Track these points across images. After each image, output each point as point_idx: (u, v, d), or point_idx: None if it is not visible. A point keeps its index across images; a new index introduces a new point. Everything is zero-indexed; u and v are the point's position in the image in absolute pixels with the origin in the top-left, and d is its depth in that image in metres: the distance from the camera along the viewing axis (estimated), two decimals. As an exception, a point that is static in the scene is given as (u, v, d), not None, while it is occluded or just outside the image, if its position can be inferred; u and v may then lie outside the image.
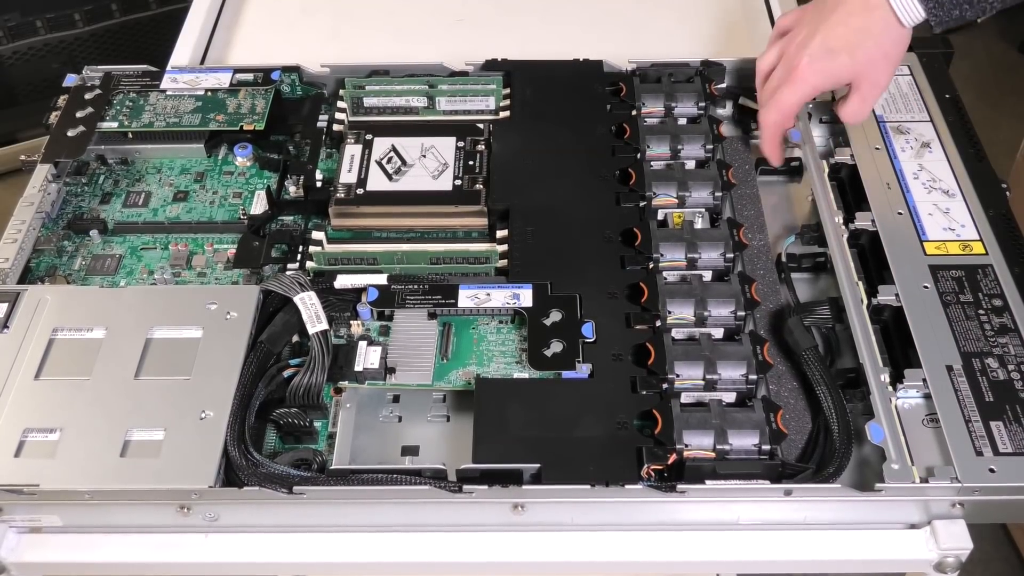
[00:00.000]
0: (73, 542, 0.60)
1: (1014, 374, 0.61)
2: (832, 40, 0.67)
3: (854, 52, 0.67)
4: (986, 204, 0.71)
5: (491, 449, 0.58)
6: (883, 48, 0.67)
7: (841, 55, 0.67)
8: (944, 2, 0.63)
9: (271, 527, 0.60)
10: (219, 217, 0.76)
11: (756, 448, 0.58)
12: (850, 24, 0.67)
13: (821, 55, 0.67)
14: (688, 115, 0.79)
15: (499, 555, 0.59)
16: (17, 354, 0.62)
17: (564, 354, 0.63)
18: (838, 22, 0.67)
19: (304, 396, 0.61)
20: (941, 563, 0.58)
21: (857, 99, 0.69)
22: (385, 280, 0.67)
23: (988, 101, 2.04)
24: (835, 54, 0.67)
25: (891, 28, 0.65)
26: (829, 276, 0.70)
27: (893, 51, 0.67)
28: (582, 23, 0.98)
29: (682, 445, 0.58)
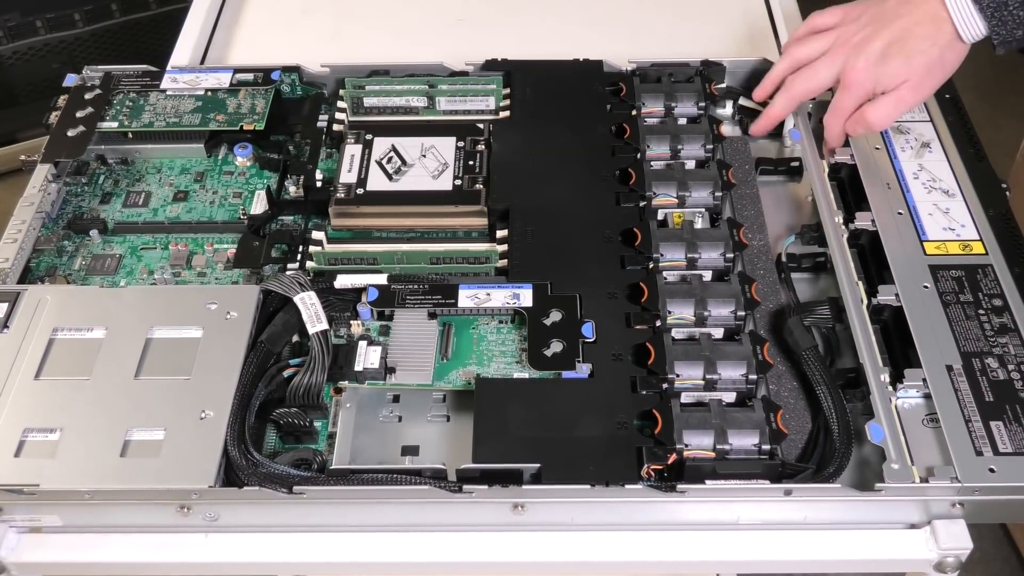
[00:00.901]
0: (73, 542, 0.60)
1: (1014, 374, 0.61)
2: (895, 47, 0.66)
3: (911, 58, 0.66)
4: (986, 204, 0.71)
5: (491, 449, 0.58)
6: (942, 60, 0.66)
7: (897, 58, 0.66)
8: (1008, 20, 0.62)
9: (271, 527, 0.60)
10: (219, 217, 0.76)
11: (756, 448, 0.58)
12: (916, 33, 0.66)
13: (880, 60, 0.67)
14: (688, 115, 0.79)
15: (499, 555, 0.59)
16: (17, 354, 0.63)
17: (564, 354, 0.63)
18: (904, 29, 0.66)
19: (304, 396, 0.61)
20: (941, 563, 0.58)
21: (892, 101, 0.68)
22: (385, 280, 0.67)
23: (988, 101, 2.04)
24: (891, 58, 0.66)
25: (954, 43, 0.65)
26: (829, 276, 0.70)
27: (949, 65, 0.66)
28: (582, 23, 0.98)
29: (682, 445, 0.58)
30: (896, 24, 0.66)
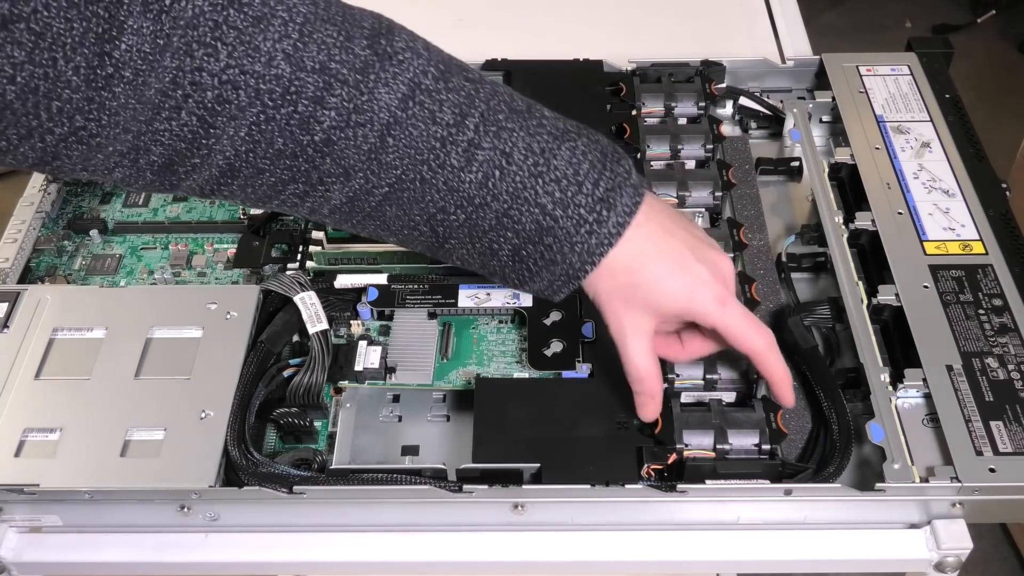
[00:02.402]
0: (73, 542, 0.60)
1: (1014, 374, 0.61)
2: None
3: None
4: (986, 204, 0.71)
5: (491, 449, 0.58)
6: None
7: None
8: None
9: (271, 527, 0.60)
10: (219, 217, 0.76)
11: (756, 448, 0.58)
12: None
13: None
14: (688, 115, 0.79)
15: (499, 555, 0.59)
16: (17, 354, 0.62)
17: (564, 354, 0.63)
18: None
19: (304, 396, 0.61)
20: (941, 563, 0.58)
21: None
22: (385, 280, 0.67)
23: (988, 101, 2.04)
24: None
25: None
26: (829, 276, 0.70)
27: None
28: (582, 23, 0.98)
29: (682, 445, 0.58)
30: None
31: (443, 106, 0.49)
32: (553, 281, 0.53)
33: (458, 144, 0.49)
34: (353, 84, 0.47)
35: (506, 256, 0.53)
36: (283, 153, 0.47)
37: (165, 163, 0.47)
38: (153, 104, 0.43)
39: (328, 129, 0.47)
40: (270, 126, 0.46)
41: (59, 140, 0.43)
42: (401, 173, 0.49)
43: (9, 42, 0.38)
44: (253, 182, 0.49)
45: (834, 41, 2.18)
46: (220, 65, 0.44)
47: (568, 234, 0.51)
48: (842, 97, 0.80)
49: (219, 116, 0.45)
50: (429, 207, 0.51)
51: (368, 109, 0.47)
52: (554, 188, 0.50)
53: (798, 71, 0.85)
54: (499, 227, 0.51)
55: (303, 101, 0.46)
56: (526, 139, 0.50)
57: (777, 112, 0.82)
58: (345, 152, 0.48)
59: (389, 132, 0.48)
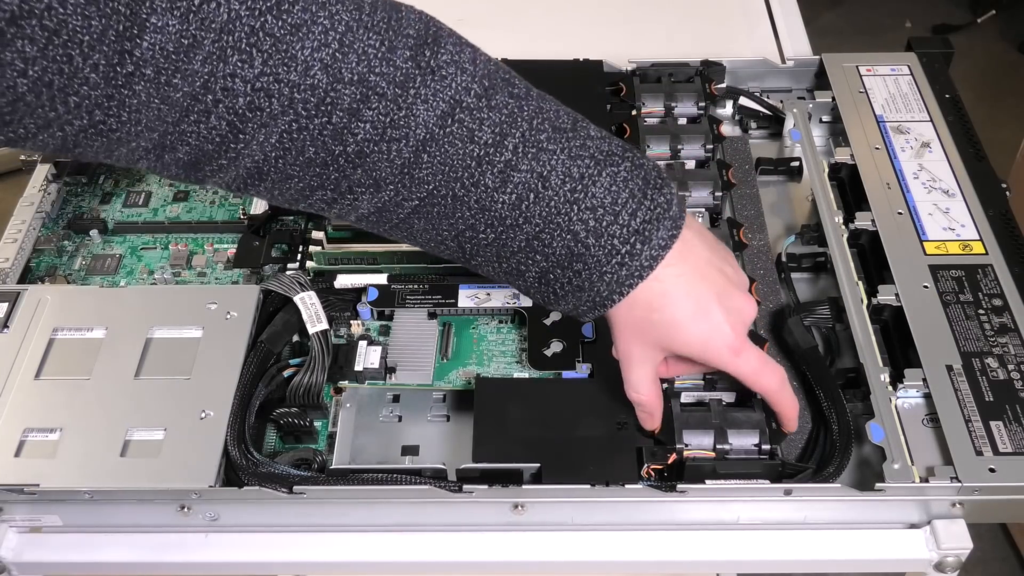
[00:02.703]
0: (73, 542, 0.60)
1: (1014, 374, 0.61)
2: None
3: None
4: (986, 204, 0.71)
5: (491, 449, 0.58)
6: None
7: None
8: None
9: (271, 527, 0.60)
10: (219, 217, 0.76)
11: (756, 448, 0.58)
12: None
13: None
14: (688, 115, 0.79)
15: (499, 555, 0.59)
16: (17, 354, 0.62)
17: (564, 354, 0.63)
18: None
19: (304, 396, 0.61)
20: (941, 563, 0.58)
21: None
22: (385, 280, 0.67)
23: (988, 101, 2.04)
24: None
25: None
26: (829, 276, 0.70)
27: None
28: (582, 23, 0.98)
29: (682, 445, 0.58)
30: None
31: (483, 125, 0.48)
32: (579, 306, 0.53)
33: (494, 165, 0.48)
34: (391, 98, 0.45)
35: (533, 277, 0.52)
36: (313, 161, 0.46)
37: (191, 161, 0.46)
38: (181, 107, 0.43)
39: (362, 141, 0.46)
40: (302, 135, 0.45)
41: (78, 132, 0.42)
42: (433, 189, 0.48)
43: (20, 37, 0.37)
44: (281, 186, 0.48)
45: (834, 41, 2.18)
46: (254, 72, 0.43)
47: (599, 263, 0.50)
48: (842, 97, 0.80)
49: (250, 123, 0.44)
50: (458, 223, 0.50)
51: (405, 125, 0.46)
52: (589, 216, 0.49)
53: (798, 71, 0.85)
54: (528, 249, 0.50)
55: (338, 112, 0.45)
56: (566, 162, 0.49)
57: (777, 112, 0.82)
58: (377, 165, 0.47)
59: (424, 148, 0.47)
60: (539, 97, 0.51)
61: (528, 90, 0.51)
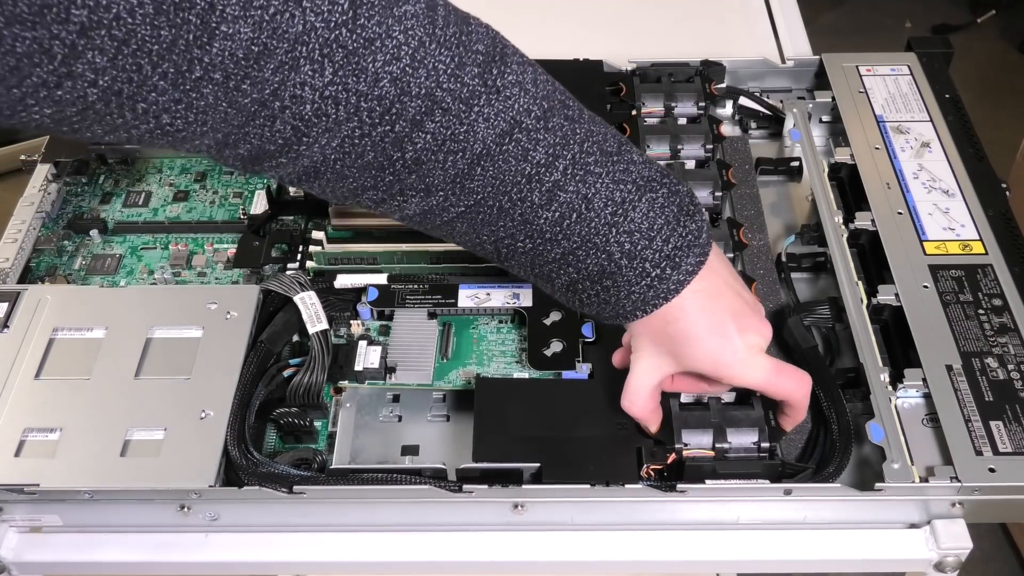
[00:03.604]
0: (73, 542, 0.60)
1: (1014, 374, 0.61)
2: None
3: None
4: (986, 204, 0.71)
5: (491, 448, 0.58)
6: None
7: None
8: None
9: (271, 527, 0.60)
10: (219, 217, 0.76)
11: (755, 446, 0.58)
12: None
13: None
14: (688, 115, 0.79)
15: (499, 555, 0.59)
16: (17, 354, 0.62)
17: (564, 354, 0.63)
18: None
19: (304, 396, 0.61)
20: (941, 563, 0.58)
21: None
22: (385, 280, 0.67)
23: (988, 101, 2.04)
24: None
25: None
26: (829, 276, 0.70)
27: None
28: (582, 23, 0.98)
29: (681, 444, 0.58)
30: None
31: (538, 146, 0.49)
32: (601, 315, 0.54)
33: (543, 183, 0.50)
34: (455, 113, 0.46)
35: (562, 284, 0.54)
36: (371, 165, 0.47)
37: (252, 157, 0.47)
38: (248, 112, 0.43)
39: (420, 151, 0.47)
40: (363, 141, 0.46)
41: (144, 133, 0.43)
42: (481, 199, 0.50)
43: (90, 48, 0.37)
44: (335, 184, 0.49)
45: (834, 41, 2.17)
46: (324, 81, 0.43)
47: (628, 282, 0.52)
48: (842, 97, 0.80)
49: (314, 128, 0.45)
50: (500, 231, 0.52)
51: (464, 139, 0.47)
52: (625, 239, 0.51)
53: (798, 71, 0.85)
54: (563, 261, 0.52)
55: (401, 123, 0.46)
56: (610, 186, 0.51)
57: (777, 112, 0.82)
58: (431, 172, 0.48)
59: (479, 162, 0.48)
60: (590, 120, 0.53)
61: (581, 112, 0.53)
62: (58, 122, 0.40)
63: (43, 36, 0.36)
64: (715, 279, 0.53)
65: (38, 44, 0.36)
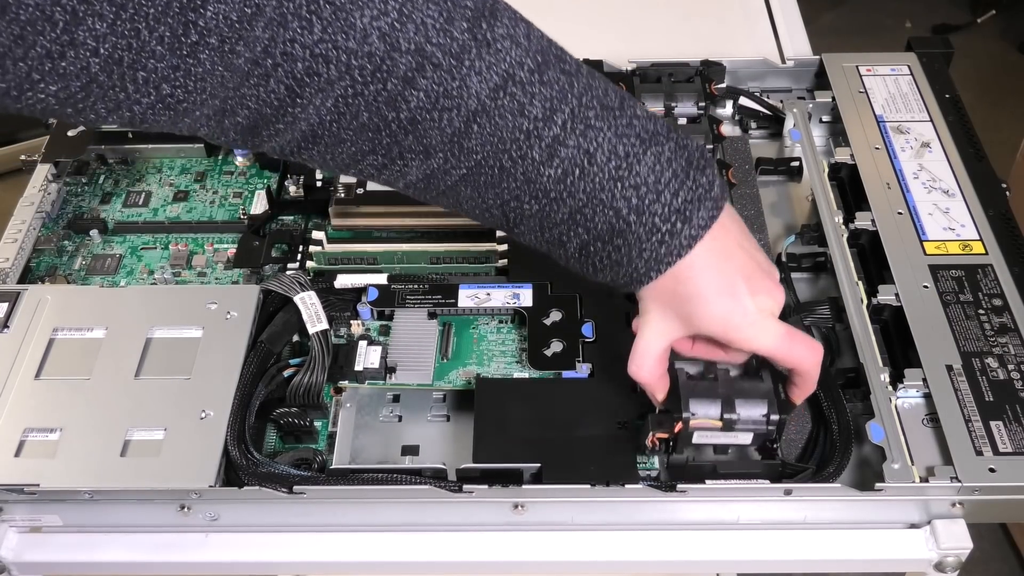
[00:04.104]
0: (73, 542, 0.60)
1: (1014, 374, 0.61)
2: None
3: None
4: (986, 204, 0.71)
5: (491, 449, 0.58)
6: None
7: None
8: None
9: (271, 527, 0.60)
10: (219, 217, 0.76)
11: (764, 418, 0.56)
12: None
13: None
14: (688, 115, 0.79)
15: (499, 555, 0.59)
16: (17, 354, 0.62)
17: (564, 354, 0.63)
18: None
19: (304, 396, 0.61)
20: (941, 563, 0.58)
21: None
22: (385, 280, 0.67)
23: (988, 101, 2.04)
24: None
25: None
26: (829, 276, 0.70)
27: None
28: (582, 23, 0.98)
29: (688, 414, 0.56)
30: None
31: (534, 99, 0.48)
32: (616, 279, 0.53)
33: (543, 139, 0.49)
34: (446, 68, 0.46)
35: (574, 249, 0.52)
36: (366, 127, 0.47)
37: (250, 125, 0.47)
38: (242, 72, 0.43)
39: (415, 109, 0.47)
40: (357, 100, 0.46)
41: (146, 109, 0.43)
42: (481, 159, 0.49)
43: (90, 14, 0.38)
44: (333, 150, 0.49)
45: (834, 41, 2.18)
46: (313, 38, 0.43)
47: (639, 240, 0.50)
48: (842, 97, 0.80)
49: (307, 87, 0.45)
50: (504, 194, 0.51)
51: (458, 95, 0.47)
52: (632, 194, 0.50)
53: (798, 71, 0.85)
54: (571, 222, 0.51)
55: (393, 80, 0.46)
56: (612, 140, 0.50)
57: (777, 112, 0.82)
58: (428, 132, 0.48)
59: (475, 119, 0.48)
60: (589, 74, 0.52)
61: (579, 67, 0.52)
62: (63, 101, 0.40)
63: (45, 3, 0.36)
64: (727, 238, 0.52)
65: (40, 11, 0.37)
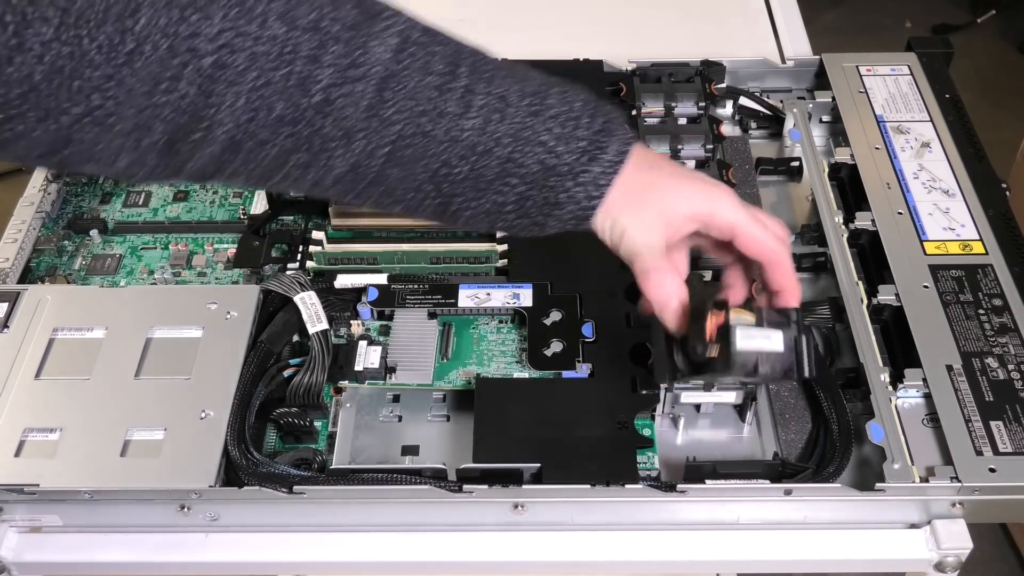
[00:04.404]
0: (73, 542, 0.60)
1: (1014, 374, 0.61)
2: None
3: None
4: (986, 204, 0.71)
5: (491, 449, 0.58)
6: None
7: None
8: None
9: (271, 527, 0.60)
10: (219, 217, 0.76)
11: (796, 315, 0.53)
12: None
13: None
14: (688, 115, 0.79)
15: (499, 555, 0.59)
16: (17, 354, 0.62)
17: (564, 354, 0.63)
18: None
19: (304, 396, 0.61)
20: (941, 563, 0.58)
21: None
22: (385, 280, 0.67)
23: (988, 101, 2.04)
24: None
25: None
26: (829, 276, 0.70)
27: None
28: (582, 23, 0.98)
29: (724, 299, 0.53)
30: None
31: (435, 56, 0.49)
32: (566, 221, 0.53)
33: (454, 91, 0.50)
34: (346, 40, 0.47)
35: (513, 205, 0.52)
36: (283, 119, 0.47)
37: (168, 142, 0.46)
38: (152, 76, 0.43)
39: (326, 88, 0.47)
40: (268, 89, 0.46)
41: (74, 121, 0.43)
42: (402, 128, 0.49)
43: (36, 18, 0.38)
44: (256, 155, 0.49)
45: (834, 41, 2.17)
46: (215, 29, 0.44)
47: (571, 169, 0.51)
48: (842, 97, 0.80)
49: (218, 82, 0.45)
50: (432, 162, 0.51)
51: (363, 63, 0.48)
52: (553, 124, 0.51)
53: (798, 71, 0.85)
54: (504, 174, 0.51)
55: (299, 60, 0.46)
56: (517, 84, 0.51)
57: (777, 112, 0.82)
58: (344, 111, 0.48)
59: (386, 85, 0.48)
60: (474, 45, 0.53)
61: (463, 39, 0.53)
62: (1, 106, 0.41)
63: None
64: (656, 156, 0.54)
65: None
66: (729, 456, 0.61)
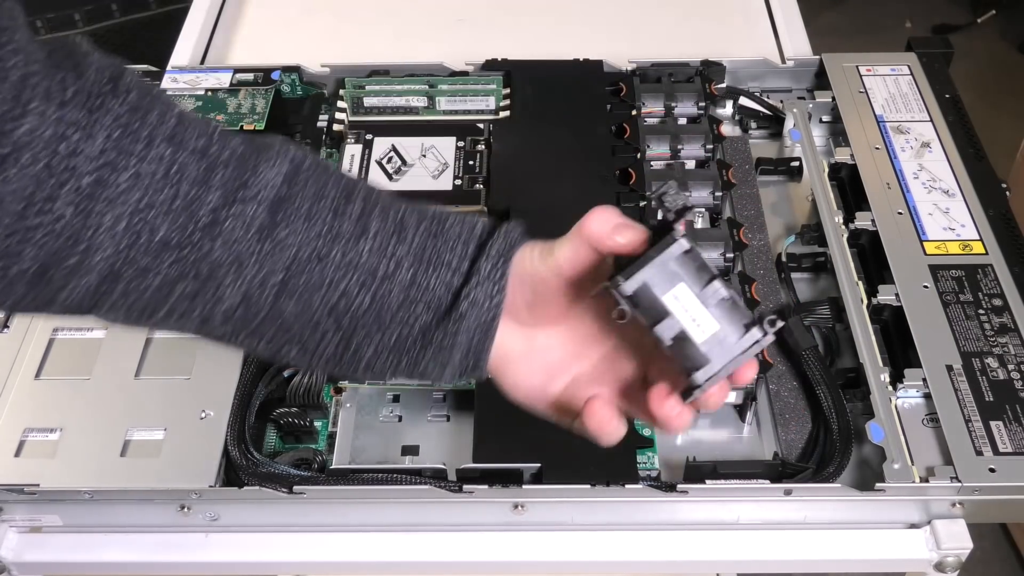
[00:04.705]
0: (73, 542, 0.60)
1: (1014, 374, 0.61)
2: None
3: None
4: (986, 204, 0.71)
5: (491, 449, 0.58)
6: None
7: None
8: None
9: (271, 527, 0.60)
10: (219, 217, 0.76)
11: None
12: None
13: None
14: (688, 115, 0.79)
15: (499, 555, 0.59)
16: (17, 354, 0.63)
17: (564, 354, 0.63)
18: None
19: (304, 396, 0.61)
20: (941, 563, 0.58)
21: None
22: (385, 280, 0.67)
23: (988, 101, 2.04)
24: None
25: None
26: (829, 276, 0.70)
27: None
28: (582, 23, 0.98)
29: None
30: None
31: (328, 183, 0.47)
32: (473, 341, 0.47)
33: (350, 215, 0.46)
34: (236, 164, 0.45)
35: (415, 338, 0.47)
36: (168, 244, 0.44)
37: (39, 270, 0.43)
38: (25, 196, 0.40)
39: (214, 209, 0.44)
40: (152, 212, 0.43)
41: None
42: (296, 251, 0.46)
43: None
44: (137, 285, 0.45)
45: (834, 41, 2.17)
46: (96, 149, 0.41)
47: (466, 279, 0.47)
48: (842, 97, 0.80)
49: (97, 202, 0.42)
50: (330, 293, 0.46)
51: (254, 185, 0.45)
52: (457, 243, 0.47)
53: (798, 71, 0.85)
54: (408, 302, 0.47)
55: (185, 182, 0.43)
56: (412, 209, 0.48)
57: (777, 112, 0.82)
58: (234, 233, 0.45)
59: (279, 208, 0.45)
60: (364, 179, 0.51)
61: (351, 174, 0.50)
62: None
63: None
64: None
65: None
66: (729, 456, 0.61)
